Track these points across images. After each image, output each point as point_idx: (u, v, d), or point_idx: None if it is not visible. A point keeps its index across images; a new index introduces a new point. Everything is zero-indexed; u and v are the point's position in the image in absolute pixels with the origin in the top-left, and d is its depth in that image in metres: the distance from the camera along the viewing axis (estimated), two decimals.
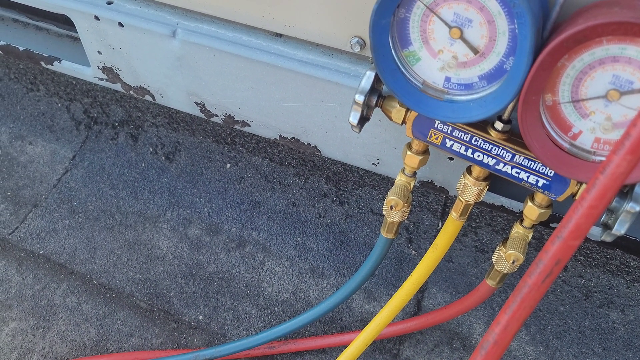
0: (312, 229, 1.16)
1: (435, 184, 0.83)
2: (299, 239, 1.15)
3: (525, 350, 1.06)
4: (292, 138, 0.87)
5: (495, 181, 0.76)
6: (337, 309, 1.09)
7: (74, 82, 1.34)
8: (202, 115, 0.93)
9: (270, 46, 0.79)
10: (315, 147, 0.86)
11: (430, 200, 1.15)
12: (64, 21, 1.01)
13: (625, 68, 0.53)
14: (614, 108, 0.56)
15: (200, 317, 1.09)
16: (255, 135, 1.22)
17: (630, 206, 0.61)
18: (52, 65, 0.99)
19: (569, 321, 1.08)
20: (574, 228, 0.43)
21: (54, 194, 1.26)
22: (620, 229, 0.63)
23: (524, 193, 0.79)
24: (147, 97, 0.95)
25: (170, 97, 0.93)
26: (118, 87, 0.97)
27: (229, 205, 1.19)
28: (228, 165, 1.22)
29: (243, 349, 1.02)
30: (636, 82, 0.53)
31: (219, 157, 1.22)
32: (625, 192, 0.63)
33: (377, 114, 0.73)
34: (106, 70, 0.94)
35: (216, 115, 0.91)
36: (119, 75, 0.94)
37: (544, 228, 1.06)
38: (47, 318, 1.10)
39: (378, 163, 0.84)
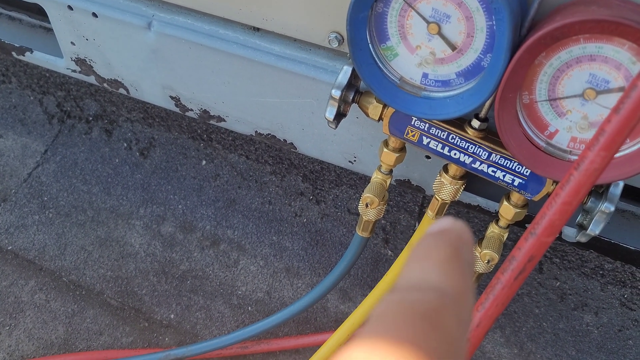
0: (287, 227, 1.15)
1: (412, 183, 0.82)
2: (274, 237, 1.14)
3: (500, 352, 1.06)
4: (269, 134, 0.86)
5: (471, 181, 0.76)
6: (311, 309, 1.08)
7: (47, 74, 1.31)
8: (177, 110, 0.91)
9: (247, 40, 0.78)
10: (292, 143, 0.85)
11: (408, 200, 1.14)
12: (37, 11, 0.98)
13: (602, 67, 0.53)
14: (590, 107, 0.56)
15: (172, 316, 1.08)
16: (232, 132, 1.20)
17: (605, 206, 0.61)
18: (24, 55, 0.96)
19: (544, 323, 1.08)
20: (548, 225, 0.43)
21: (24, 188, 1.23)
22: (595, 229, 0.63)
23: (500, 193, 0.79)
24: (122, 90, 0.94)
25: (145, 90, 0.91)
26: (92, 79, 0.95)
27: (203, 203, 1.18)
28: (204, 162, 1.20)
29: (215, 349, 1.00)
30: (612, 82, 0.53)
31: (194, 153, 1.21)
32: (600, 192, 0.63)
33: (354, 110, 0.72)
34: (79, 61, 0.93)
35: (191, 110, 0.89)
36: (92, 68, 0.92)
37: (520, 230, 1.06)
38: (14, 315, 1.07)
39: (355, 161, 0.83)
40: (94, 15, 0.83)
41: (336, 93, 0.64)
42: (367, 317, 0.21)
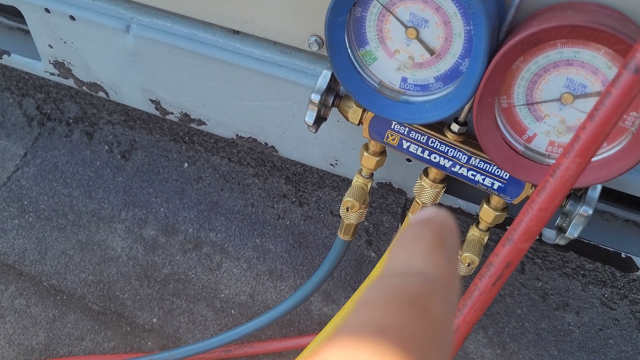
0: (270, 230, 1.14)
1: (394, 186, 0.82)
2: (257, 240, 1.14)
3: (483, 352, 1.07)
4: (250, 137, 0.86)
5: (452, 183, 0.76)
6: (295, 311, 1.07)
7: (26, 76, 1.30)
8: (158, 113, 0.90)
9: (227, 43, 0.77)
10: (273, 147, 0.85)
11: (390, 202, 1.15)
12: (15, 13, 0.97)
13: (579, 71, 0.53)
14: (567, 111, 0.56)
15: (154, 320, 1.07)
16: (214, 134, 1.20)
17: (584, 209, 0.61)
18: (1, 58, 0.95)
19: (526, 323, 1.08)
20: (524, 231, 0.43)
21: (4, 192, 1.22)
22: (573, 232, 0.63)
23: (480, 195, 0.79)
24: (101, 94, 0.93)
25: (125, 93, 0.90)
26: (70, 82, 0.94)
27: (186, 206, 1.17)
28: (186, 164, 1.19)
29: (198, 353, 1.00)
30: (589, 86, 0.53)
31: (176, 156, 1.20)
32: (579, 195, 0.64)
33: (335, 114, 0.72)
34: (58, 64, 0.91)
35: (172, 113, 0.89)
36: (71, 71, 0.91)
37: (502, 231, 1.07)
38: None
39: (336, 164, 0.83)
40: (72, 18, 0.82)
41: (315, 97, 0.64)
42: (355, 304, 0.21)
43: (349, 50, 0.60)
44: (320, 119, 0.68)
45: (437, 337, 0.20)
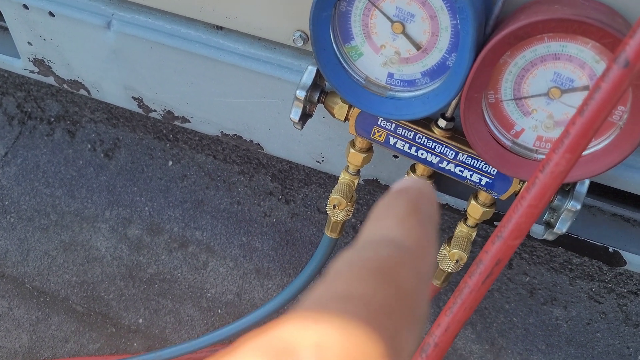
0: (257, 228, 1.13)
1: (381, 182, 0.82)
2: (243, 238, 1.12)
3: (471, 348, 1.07)
4: (234, 135, 0.84)
5: (440, 179, 0.75)
6: (282, 310, 1.06)
7: (5, 74, 1.27)
8: (140, 111, 0.89)
9: (210, 39, 0.76)
10: (258, 144, 0.84)
11: (377, 199, 1.14)
12: None
13: (566, 66, 0.53)
14: (555, 106, 0.55)
15: (140, 321, 1.06)
16: (198, 132, 1.18)
17: (572, 205, 0.61)
18: None
19: (514, 319, 1.08)
20: (514, 228, 0.42)
21: None
22: (561, 227, 0.63)
23: (468, 191, 0.78)
24: (82, 91, 0.91)
25: (107, 91, 0.88)
26: (51, 80, 0.92)
27: (171, 204, 1.16)
28: (170, 162, 1.18)
29: (185, 353, 0.98)
30: (577, 80, 0.53)
31: (160, 154, 1.18)
32: (567, 190, 0.63)
33: (321, 110, 0.71)
34: (37, 62, 0.90)
35: (155, 111, 0.87)
36: (51, 68, 0.90)
37: (489, 227, 1.06)
38: None
39: (322, 161, 0.82)
40: (51, 14, 0.81)
41: (301, 94, 0.63)
42: (323, 276, 0.21)
43: (334, 45, 0.59)
44: (305, 116, 0.67)
45: (406, 306, 0.20)
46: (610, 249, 0.77)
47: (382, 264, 0.20)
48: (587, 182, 0.61)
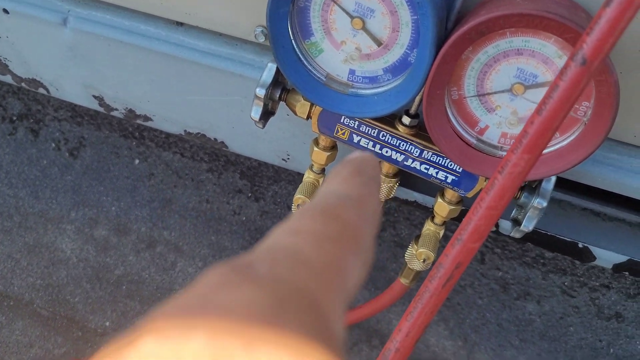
0: (226, 226, 1.11)
1: None
2: (213, 237, 1.10)
3: (444, 344, 1.06)
4: (198, 133, 0.82)
5: (407, 177, 0.74)
6: None
7: None
8: (102, 110, 0.86)
9: (170, 36, 0.74)
10: (223, 142, 0.82)
11: None
12: None
13: (529, 61, 0.51)
14: (519, 102, 0.54)
15: (107, 324, 1.03)
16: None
17: (538, 202, 0.60)
18: None
19: (487, 314, 1.08)
20: (474, 230, 0.41)
21: None
22: (528, 225, 0.62)
23: (436, 188, 0.77)
24: (42, 90, 0.88)
25: (66, 90, 0.86)
26: (8, 79, 0.89)
27: (138, 204, 1.13)
28: (137, 161, 1.15)
29: None
30: (540, 76, 0.52)
31: (126, 152, 1.16)
32: (534, 187, 0.62)
33: (284, 107, 0.69)
34: None
35: (116, 110, 0.85)
36: (8, 67, 0.87)
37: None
38: None
39: (288, 159, 0.80)
40: (5, 11, 0.78)
41: (261, 92, 0.61)
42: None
43: (293, 42, 0.57)
44: (267, 114, 0.65)
45: (349, 236, 0.22)
46: (580, 245, 0.76)
47: (328, 207, 0.23)
48: (553, 179, 0.60)
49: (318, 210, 0.23)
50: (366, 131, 0.62)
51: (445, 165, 0.62)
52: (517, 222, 0.64)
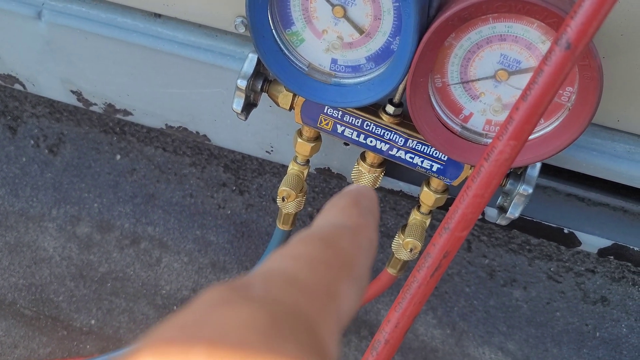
0: (211, 220, 1.10)
1: (332, 171, 0.79)
2: (197, 232, 1.09)
3: (433, 333, 1.06)
4: (180, 127, 0.81)
5: (393, 166, 0.74)
6: None
7: None
8: (81, 105, 0.85)
9: (148, 27, 0.72)
10: (205, 135, 0.81)
11: (333, 186, 1.12)
12: None
13: (512, 47, 0.51)
14: (503, 89, 0.54)
15: (92, 322, 1.02)
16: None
17: (523, 189, 0.60)
18: None
19: (475, 302, 1.08)
20: (461, 219, 0.40)
21: None
22: (514, 212, 0.61)
23: (422, 177, 0.77)
24: (17, 86, 0.86)
25: (43, 85, 0.84)
26: None
27: (120, 200, 1.11)
28: (118, 156, 1.14)
29: None
30: (523, 62, 0.51)
31: (107, 148, 1.14)
32: (519, 174, 0.62)
33: (267, 99, 0.68)
34: None
35: (95, 104, 0.83)
36: None
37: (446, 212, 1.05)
38: None
39: (272, 151, 0.79)
40: None
41: (242, 83, 0.60)
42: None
43: (273, 31, 0.56)
44: (249, 106, 0.64)
45: (344, 263, 0.23)
46: (566, 230, 0.76)
47: (325, 235, 0.24)
48: (538, 165, 0.60)
49: (315, 237, 0.24)
50: (350, 121, 0.62)
51: (430, 153, 0.62)
52: (503, 210, 0.64)
